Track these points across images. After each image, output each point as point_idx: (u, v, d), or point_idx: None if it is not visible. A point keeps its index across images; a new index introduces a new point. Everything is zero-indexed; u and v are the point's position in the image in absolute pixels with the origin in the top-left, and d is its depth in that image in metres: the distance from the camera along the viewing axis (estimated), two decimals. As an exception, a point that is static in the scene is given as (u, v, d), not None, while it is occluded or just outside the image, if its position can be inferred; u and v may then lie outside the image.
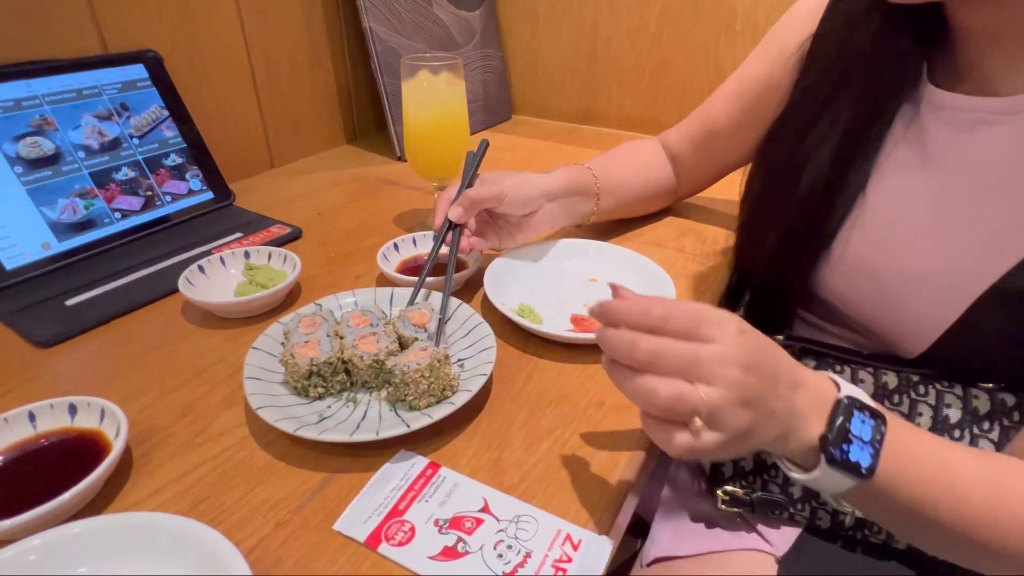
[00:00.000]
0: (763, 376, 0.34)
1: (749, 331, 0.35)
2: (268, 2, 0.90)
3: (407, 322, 0.52)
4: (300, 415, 0.45)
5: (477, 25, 1.16)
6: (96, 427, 0.43)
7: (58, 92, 0.68)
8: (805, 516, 0.51)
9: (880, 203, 0.50)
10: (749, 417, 0.33)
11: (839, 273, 0.52)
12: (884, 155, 0.50)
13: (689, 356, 0.33)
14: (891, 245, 0.49)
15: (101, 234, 0.69)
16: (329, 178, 0.94)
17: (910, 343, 0.48)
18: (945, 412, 0.46)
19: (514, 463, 0.43)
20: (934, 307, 0.46)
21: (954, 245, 0.45)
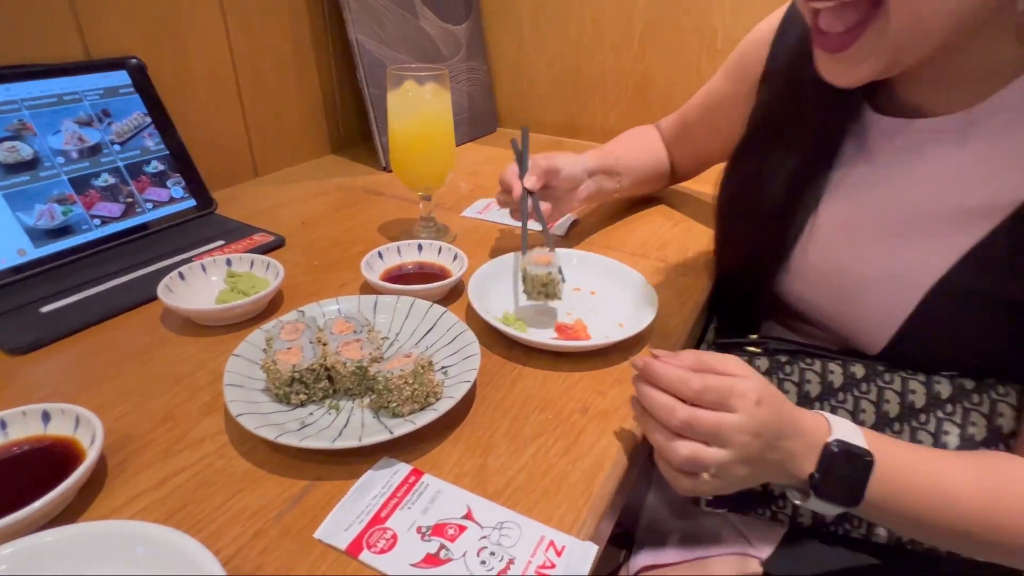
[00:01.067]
0: (767, 438, 0.41)
1: (765, 399, 0.41)
2: (254, 12, 0.91)
3: (535, 264, 0.59)
4: (281, 422, 0.44)
5: (463, 38, 1.18)
6: (70, 434, 0.42)
7: (38, 97, 0.68)
8: (787, 513, 0.53)
9: (834, 216, 0.55)
10: (748, 471, 0.41)
11: (801, 280, 0.57)
12: (836, 174, 0.55)
13: (713, 426, 0.40)
14: (844, 253, 0.53)
15: (79, 240, 0.68)
16: (314, 187, 0.94)
17: (870, 341, 0.52)
18: (911, 399, 0.50)
19: (498, 470, 0.43)
20: (886, 307, 0.50)
21: (900, 249, 0.50)
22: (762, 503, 0.54)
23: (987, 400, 0.48)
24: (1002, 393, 0.48)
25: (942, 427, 0.48)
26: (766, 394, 0.41)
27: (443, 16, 1.12)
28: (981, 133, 0.46)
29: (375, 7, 0.98)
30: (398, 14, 1.02)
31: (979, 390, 0.48)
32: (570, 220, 0.82)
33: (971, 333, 0.47)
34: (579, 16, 1.15)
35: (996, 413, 0.48)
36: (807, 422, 0.43)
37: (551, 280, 0.58)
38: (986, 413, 0.48)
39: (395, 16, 1.02)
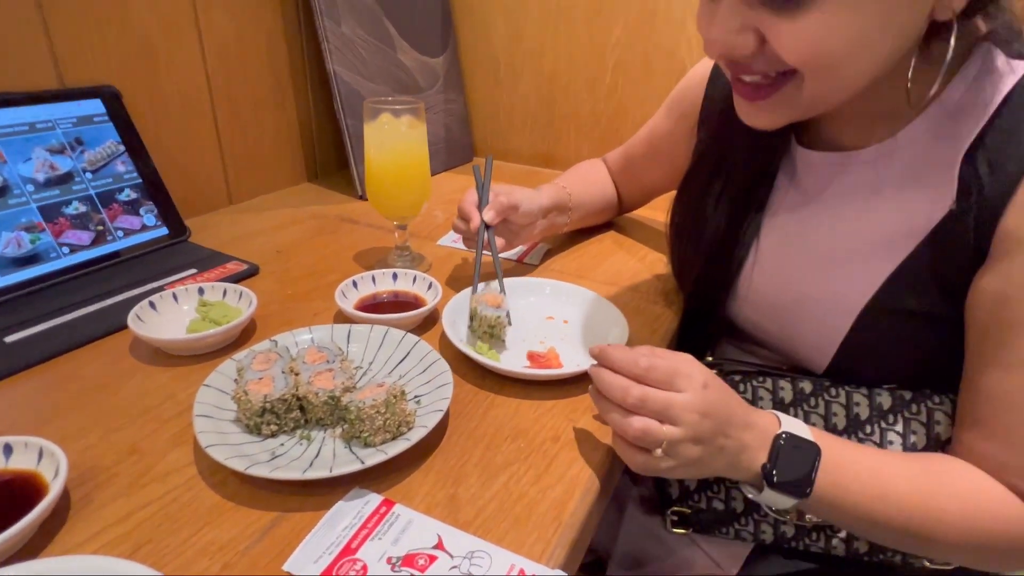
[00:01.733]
0: (716, 420, 0.44)
1: (712, 384, 0.45)
2: (232, 42, 0.92)
3: (486, 305, 0.60)
4: (252, 453, 0.44)
5: (440, 70, 1.21)
6: (33, 468, 0.42)
7: (9, 125, 0.67)
8: (750, 531, 0.55)
9: (773, 245, 0.58)
10: (699, 451, 0.44)
11: (748, 306, 0.61)
12: (772, 206, 0.59)
13: (664, 402, 0.43)
14: (785, 279, 0.57)
15: (47, 269, 0.67)
16: (289, 215, 0.95)
17: (814, 361, 0.55)
18: (856, 411, 0.53)
19: (469, 499, 0.43)
20: (825, 329, 0.53)
21: (833, 275, 0.53)
22: (726, 523, 0.56)
23: (924, 409, 0.51)
24: (937, 402, 0.51)
25: (886, 437, 0.52)
26: (712, 379, 0.45)
27: (421, 49, 1.15)
28: (894, 165, 0.50)
29: (353, 40, 1.00)
30: (376, 47, 1.05)
31: (917, 400, 0.52)
32: (544, 249, 0.84)
33: (903, 347, 0.51)
34: (554, 51, 1.19)
35: (933, 421, 0.51)
36: (759, 417, 0.46)
37: (499, 323, 0.60)
38: (924, 421, 0.51)
39: (373, 48, 1.04)
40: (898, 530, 0.46)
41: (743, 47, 0.43)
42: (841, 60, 0.42)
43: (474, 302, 0.61)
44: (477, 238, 0.69)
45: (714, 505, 0.57)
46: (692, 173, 0.66)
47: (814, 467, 0.45)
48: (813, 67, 0.42)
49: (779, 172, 0.59)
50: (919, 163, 0.48)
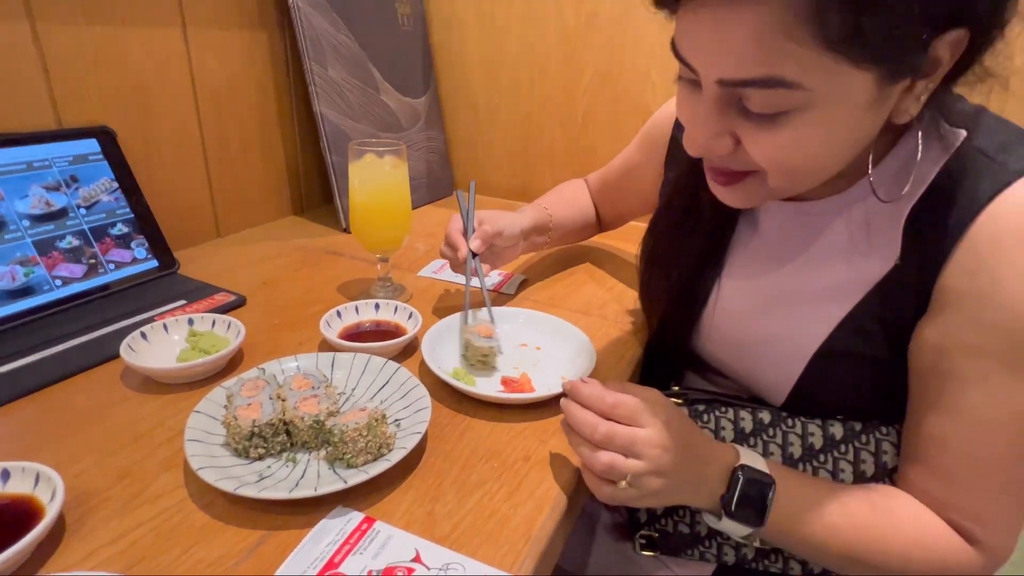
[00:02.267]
0: (678, 455, 0.46)
1: (674, 420, 0.48)
2: (223, 85, 0.96)
3: (478, 336, 0.64)
4: (240, 475, 0.46)
5: (421, 110, 1.26)
6: (29, 492, 0.43)
7: (7, 164, 0.70)
8: (713, 553, 0.57)
9: (734, 287, 0.61)
10: (661, 483, 0.46)
11: (711, 342, 0.64)
12: (734, 250, 0.62)
13: (628, 438, 0.45)
14: (744, 320, 0.60)
15: (39, 301, 0.69)
16: (275, 248, 0.98)
17: (772, 395, 0.58)
18: (810, 440, 0.55)
19: (445, 515, 0.46)
20: (782, 367, 0.56)
21: (789, 317, 0.56)
22: (691, 546, 0.58)
23: (873, 440, 0.54)
24: (885, 433, 0.54)
25: (838, 465, 0.54)
26: (675, 415, 0.48)
27: (403, 90, 1.20)
28: (846, 218, 0.53)
29: (339, 82, 1.05)
30: (361, 89, 1.09)
31: (866, 431, 0.55)
32: (519, 280, 0.88)
33: (853, 386, 0.54)
34: (529, 94, 1.25)
35: (881, 451, 0.54)
36: (719, 451, 0.50)
37: (491, 352, 0.64)
38: (873, 451, 0.54)
39: (357, 90, 1.09)
40: (845, 558, 0.48)
41: (721, 148, 0.45)
42: (806, 166, 0.45)
43: (466, 333, 0.65)
44: (466, 267, 0.72)
45: (680, 529, 0.59)
46: (661, 213, 0.69)
47: (769, 499, 0.47)
48: (780, 171, 0.45)
49: (741, 218, 0.61)
50: (868, 219, 0.51)
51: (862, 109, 0.41)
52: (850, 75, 0.38)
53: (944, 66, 0.40)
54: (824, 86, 0.39)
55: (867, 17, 0.35)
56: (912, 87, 0.41)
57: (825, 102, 0.40)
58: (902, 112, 0.43)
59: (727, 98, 0.43)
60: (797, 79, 0.38)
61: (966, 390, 0.45)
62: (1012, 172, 0.43)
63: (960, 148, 0.46)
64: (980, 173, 0.45)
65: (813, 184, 0.48)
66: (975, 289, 0.44)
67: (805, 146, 0.42)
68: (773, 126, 0.41)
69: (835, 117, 0.41)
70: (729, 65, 0.40)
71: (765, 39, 0.37)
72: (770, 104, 0.40)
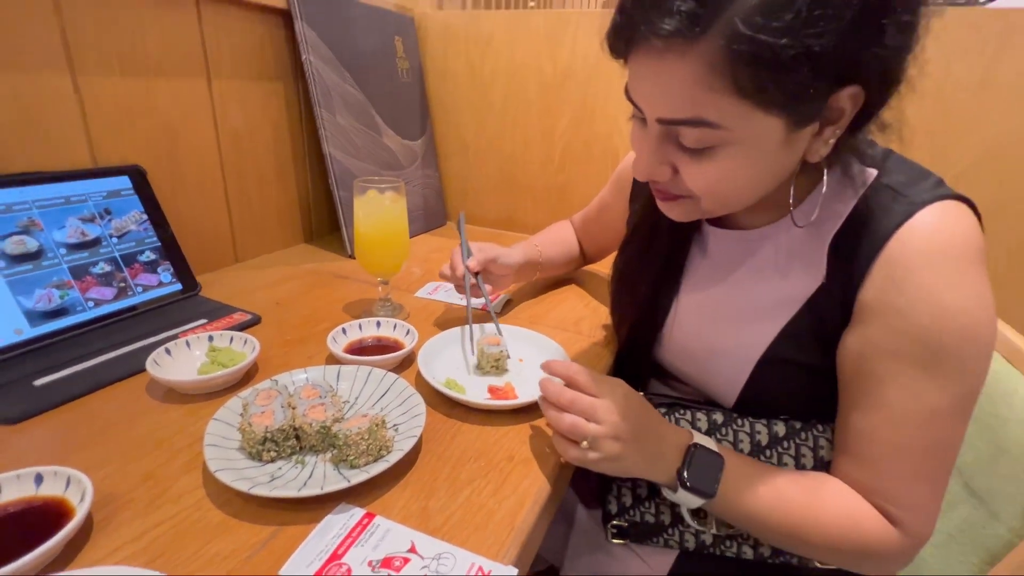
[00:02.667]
0: (634, 424, 0.48)
1: (632, 395, 0.50)
2: (243, 129, 0.97)
3: (489, 345, 0.66)
4: (254, 476, 0.46)
5: (419, 151, 1.28)
6: (60, 494, 0.43)
7: (48, 198, 0.69)
8: (676, 540, 0.58)
9: (689, 304, 0.63)
10: (619, 448, 0.48)
11: (671, 352, 0.65)
12: (688, 272, 0.64)
13: (589, 405, 0.48)
14: (698, 333, 0.61)
15: (73, 320, 0.68)
16: (287, 272, 0.97)
17: (724, 398, 0.59)
18: (758, 438, 0.56)
19: (438, 510, 0.46)
20: (730, 374, 0.57)
21: (734, 331, 0.57)
22: (656, 533, 0.58)
23: (811, 436, 0.55)
24: (821, 430, 0.55)
25: (782, 459, 0.55)
26: (633, 394, 0.51)
27: (402, 134, 1.22)
28: (779, 243, 0.54)
29: (346, 127, 1.06)
30: (365, 133, 1.11)
31: (805, 429, 0.56)
32: (504, 300, 0.89)
33: (793, 390, 0.55)
34: (512, 137, 1.27)
35: (818, 446, 0.55)
36: (675, 430, 0.52)
37: (501, 356, 0.66)
38: (811, 447, 0.55)
39: (362, 134, 1.10)
40: (784, 532, 0.49)
41: (662, 175, 0.48)
42: (732, 193, 0.48)
43: (480, 344, 0.67)
44: (464, 283, 0.75)
45: (646, 518, 0.59)
46: (628, 240, 0.71)
47: (719, 474, 0.49)
48: (708, 197, 0.48)
49: (693, 245, 0.63)
50: (798, 244, 0.53)
51: (775, 148, 0.44)
52: (762, 120, 0.41)
53: (847, 115, 0.43)
54: (741, 128, 0.42)
55: (768, 74, 0.38)
56: (821, 132, 0.44)
57: (743, 141, 0.43)
58: (813, 153, 0.45)
59: (666, 134, 0.46)
60: (718, 121, 0.41)
61: (885, 388, 0.46)
62: (915, 204, 0.46)
63: (872, 185, 0.49)
64: (889, 205, 0.47)
65: (740, 207, 0.51)
66: (889, 302, 0.45)
67: (729, 177, 0.45)
68: (703, 158, 0.45)
69: (753, 153, 0.44)
70: (665, 107, 0.43)
71: (690, 87, 0.40)
72: (699, 140, 0.43)
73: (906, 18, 0.39)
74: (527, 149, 1.27)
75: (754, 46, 0.36)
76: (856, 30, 0.37)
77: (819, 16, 0.35)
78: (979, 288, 0.44)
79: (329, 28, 1.02)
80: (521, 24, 1.18)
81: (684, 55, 0.39)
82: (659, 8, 0.38)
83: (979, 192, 0.92)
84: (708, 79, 0.39)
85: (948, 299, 0.43)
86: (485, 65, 1.24)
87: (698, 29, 0.38)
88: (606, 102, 1.15)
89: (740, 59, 0.37)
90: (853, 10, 0.36)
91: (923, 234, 0.45)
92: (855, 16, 0.36)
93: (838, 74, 0.39)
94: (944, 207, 0.46)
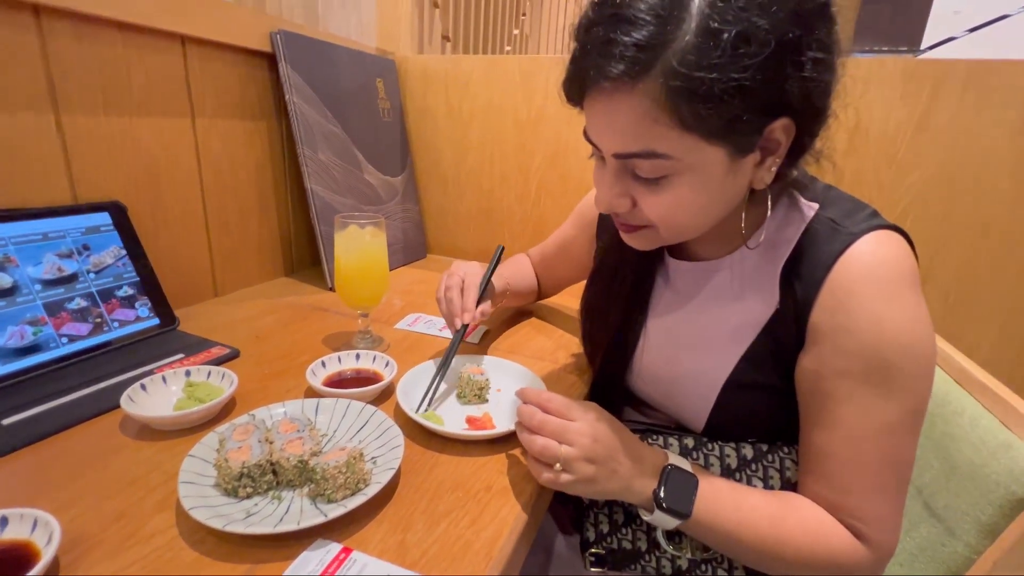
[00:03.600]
0: (607, 446, 0.49)
1: (605, 418, 0.51)
2: (226, 166, 0.97)
3: (472, 374, 0.66)
4: (229, 513, 0.45)
5: (399, 186, 1.29)
6: (27, 537, 0.41)
7: (25, 235, 0.68)
8: (653, 566, 0.58)
9: (657, 333, 0.64)
10: (593, 470, 0.48)
11: (641, 379, 0.66)
12: (653, 303, 0.65)
13: (561, 427, 0.49)
14: (666, 360, 0.63)
15: (46, 357, 0.66)
16: (268, 305, 0.97)
17: (694, 423, 0.60)
18: (727, 461, 0.57)
19: (416, 543, 0.45)
20: (698, 399, 0.59)
21: (699, 356, 0.59)
22: (634, 560, 0.58)
23: (778, 458, 0.57)
24: (787, 452, 0.57)
25: (751, 481, 0.56)
26: (606, 416, 0.52)
27: (383, 170, 1.24)
28: (736, 273, 0.57)
29: (328, 163, 1.07)
30: (346, 169, 1.12)
31: (772, 451, 0.57)
32: (483, 331, 0.89)
33: (757, 411, 0.57)
34: (490, 173, 1.30)
35: (785, 467, 0.56)
36: (649, 451, 0.52)
37: (485, 385, 0.67)
38: (778, 468, 0.56)
39: (344, 170, 1.12)
40: (757, 550, 0.50)
41: (621, 207, 0.51)
42: (687, 220, 0.50)
43: (463, 372, 0.67)
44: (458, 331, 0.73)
45: (623, 545, 0.59)
46: (595, 274, 0.73)
47: (694, 493, 0.49)
48: (666, 224, 0.50)
49: (657, 277, 0.65)
50: (753, 273, 0.55)
51: (722, 175, 0.47)
52: (706, 149, 0.45)
53: (784, 146, 0.46)
54: (688, 157, 0.45)
55: (704, 107, 0.41)
56: (763, 161, 0.48)
57: (692, 170, 0.46)
58: (759, 180, 0.49)
59: (623, 167, 0.49)
60: (667, 152, 0.45)
61: (839, 407, 0.48)
62: (853, 234, 0.49)
63: (815, 218, 0.52)
64: (830, 236, 0.50)
65: (696, 233, 0.53)
66: (836, 324, 0.48)
67: (683, 204, 0.48)
68: (657, 188, 0.48)
69: (703, 181, 0.47)
70: (619, 142, 0.47)
71: (639, 122, 0.44)
72: (653, 170, 0.47)
73: (820, 55, 0.43)
74: (503, 184, 1.30)
75: (689, 82, 0.40)
76: (777, 65, 0.41)
77: (742, 54, 0.39)
78: (915, 307, 0.47)
79: (312, 70, 1.04)
80: (497, 68, 1.23)
81: (630, 94, 0.43)
82: (605, 56, 0.42)
83: (924, 225, 0.98)
84: (654, 113, 0.43)
85: (887, 318, 0.46)
86: (463, 105, 1.28)
87: (639, 69, 0.41)
88: (578, 140, 1.19)
89: (679, 94, 0.41)
90: (771, 48, 0.40)
91: (861, 261, 0.48)
92: (773, 53, 0.40)
93: (767, 106, 0.43)
94: (878, 236, 0.49)
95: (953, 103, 0.93)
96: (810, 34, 0.42)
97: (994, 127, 0.91)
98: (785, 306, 0.52)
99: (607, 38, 0.42)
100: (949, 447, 0.60)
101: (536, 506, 0.53)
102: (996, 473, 0.52)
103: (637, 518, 0.58)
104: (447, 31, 1.57)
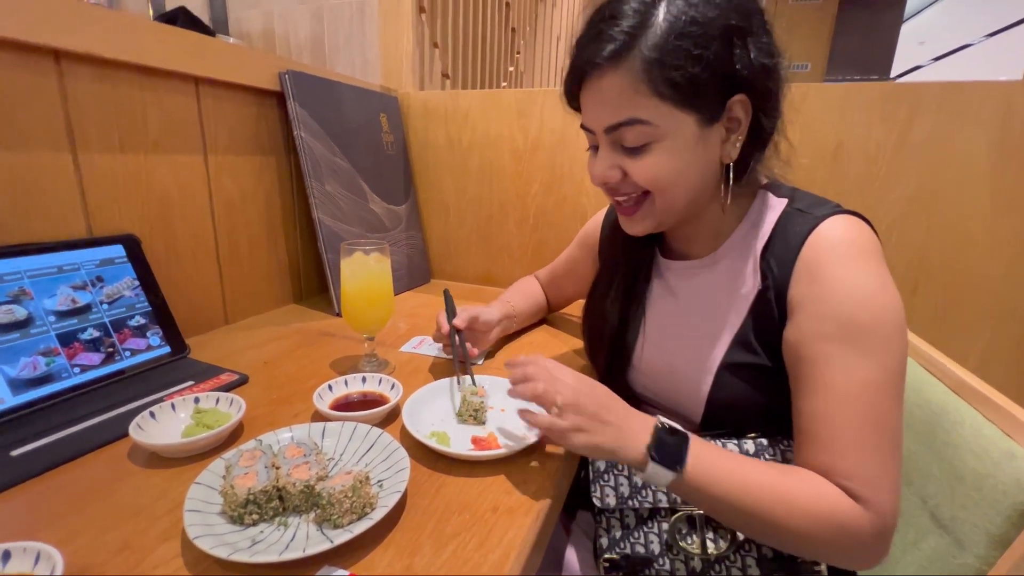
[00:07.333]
0: (589, 398, 0.51)
1: (585, 379, 0.54)
2: (236, 197, 0.97)
3: (476, 397, 0.65)
4: (234, 541, 0.43)
5: (403, 215, 1.29)
6: (29, 571, 0.39)
7: (40, 268, 0.67)
8: (667, 569, 0.56)
9: (654, 328, 0.68)
10: (581, 420, 0.50)
11: (642, 374, 0.69)
12: (650, 301, 0.70)
13: (551, 378, 0.53)
14: (663, 353, 0.66)
15: (58, 387, 0.64)
16: (276, 331, 0.95)
17: (692, 413, 0.61)
18: None
19: (423, 567, 0.43)
20: (694, 387, 0.60)
21: (693, 345, 0.62)
22: (648, 564, 0.56)
23: (779, 452, 0.56)
24: (788, 445, 0.56)
25: None
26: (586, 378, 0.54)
27: (387, 200, 1.24)
28: (721, 265, 0.61)
29: (334, 194, 1.07)
30: (352, 199, 1.12)
31: (772, 445, 0.57)
32: (485, 352, 0.87)
33: (750, 392, 0.57)
34: (489, 200, 1.30)
35: (786, 460, 0.56)
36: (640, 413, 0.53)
37: (482, 407, 0.65)
38: (780, 462, 0.55)
39: (350, 200, 1.11)
40: (755, 516, 0.47)
41: (613, 178, 0.57)
42: (670, 182, 0.55)
43: (463, 392, 0.66)
44: (451, 340, 0.77)
45: (636, 549, 0.57)
46: (596, 283, 0.77)
47: (685, 446, 0.49)
48: (656, 187, 0.55)
49: (652, 277, 0.70)
50: (736, 263, 0.60)
51: (694, 142, 0.53)
52: (680, 116, 0.52)
53: (744, 124, 0.53)
54: (665, 123, 0.52)
55: (675, 75, 0.49)
56: (728, 138, 0.55)
57: (670, 135, 0.53)
58: (726, 155, 0.55)
59: (612, 141, 0.56)
60: (648, 119, 0.52)
61: (822, 370, 0.49)
62: (818, 218, 0.54)
63: (785, 209, 0.58)
64: (800, 221, 0.56)
65: (685, 200, 0.57)
66: (810, 293, 0.52)
67: (664, 167, 0.54)
68: (642, 154, 0.54)
69: (679, 146, 0.53)
70: (609, 115, 0.54)
71: (623, 94, 0.52)
72: (636, 138, 0.53)
73: (764, 40, 0.51)
74: (502, 211, 1.30)
75: (661, 54, 0.49)
76: (726, 43, 0.50)
77: (699, 34, 0.49)
78: (879, 274, 0.50)
79: (319, 107, 1.05)
80: (495, 101, 1.24)
81: (616, 71, 0.51)
82: (597, 44, 0.52)
83: (910, 239, 0.97)
84: (635, 85, 0.51)
85: (855, 283, 0.50)
86: (463, 137, 1.29)
87: (622, 49, 0.50)
88: (572, 168, 1.19)
89: (653, 66, 0.50)
90: (720, 29, 0.49)
91: (827, 237, 0.53)
92: (722, 34, 0.49)
93: (724, 77, 0.50)
94: (843, 218, 0.54)
95: (929, 122, 0.93)
96: (749, 22, 0.50)
97: (968, 143, 0.92)
98: (765, 285, 0.56)
99: (598, 32, 0.51)
100: (952, 457, 0.58)
101: (545, 524, 0.50)
102: (1003, 483, 0.50)
103: (649, 520, 0.57)
104: (447, 69, 1.60)
